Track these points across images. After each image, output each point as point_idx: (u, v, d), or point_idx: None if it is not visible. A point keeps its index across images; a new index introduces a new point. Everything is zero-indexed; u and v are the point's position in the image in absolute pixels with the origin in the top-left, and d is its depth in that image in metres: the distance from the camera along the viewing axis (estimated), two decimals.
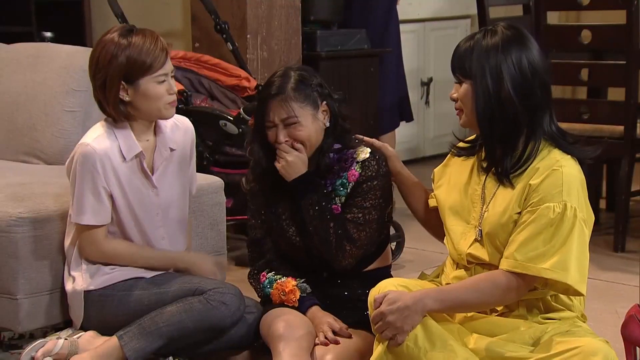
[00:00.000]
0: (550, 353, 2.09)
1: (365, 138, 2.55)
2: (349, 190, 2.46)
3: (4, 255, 2.65)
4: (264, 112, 2.45)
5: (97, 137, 2.52)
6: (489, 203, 2.21)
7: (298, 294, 2.49)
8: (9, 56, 3.45)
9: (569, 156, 2.17)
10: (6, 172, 3.07)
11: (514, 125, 2.16)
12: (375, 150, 2.50)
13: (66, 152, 3.24)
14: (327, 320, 2.43)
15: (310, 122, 2.45)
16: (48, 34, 4.86)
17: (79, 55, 3.29)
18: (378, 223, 2.48)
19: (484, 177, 2.25)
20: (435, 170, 2.41)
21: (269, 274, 2.54)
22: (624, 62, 3.87)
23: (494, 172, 2.21)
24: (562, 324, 2.18)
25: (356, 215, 2.45)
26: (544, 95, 2.18)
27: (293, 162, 2.43)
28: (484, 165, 2.24)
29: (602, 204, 4.53)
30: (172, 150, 2.62)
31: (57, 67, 3.29)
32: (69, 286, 2.61)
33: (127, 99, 2.50)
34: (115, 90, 2.49)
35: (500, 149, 2.19)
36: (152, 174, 2.58)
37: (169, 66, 2.52)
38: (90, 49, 2.62)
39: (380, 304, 2.11)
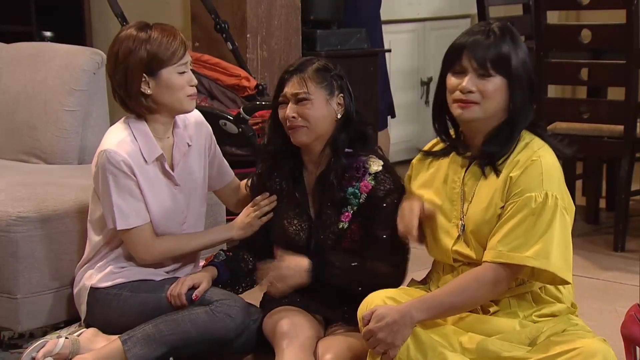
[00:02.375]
0: (549, 354, 2.09)
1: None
2: (361, 200, 2.45)
3: (4, 255, 2.65)
4: (280, 87, 2.48)
5: (119, 142, 2.50)
6: (471, 200, 2.22)
7: (212, 257, 2.59)
8: (9, 55, 3.45)
9: (547, 146, 2.20)
10: (6, 171, 3.07)
11: (521, 115, 2.21)
12: (386, 162, 2.49)
13: (66, 151, 3.25)
14: (193, 276, 2.52)
15: (322, 105, 2.45)
16: (48, 34, 4.87)
17: (79, 55, 3.30)
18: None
19: (463, 173, 2.25)
20: (407, 174, 2.41)
21: (229, 252, 2.61)
22: (624, 61, 3.87)
23: (480, 164, 2.22)
24: (558, 322, 2.18)
25: (387, 232, 2.42)
26: (533, 87, 2.24)
27: (284, 276, 2.42)
28: (461, 163, 2.25)
29: (602, 203, 4.52)
30: (189, 145, 2.62)
31: (57, 66, 3.29)
32: (81, 285, 2.61)
33: (148, 92, 2.50)
34: (137, 83, 2.48)
35: (498, 140, 2.21)
36: (173, 171, 2.58)
37: (188, 58, 2.54)
38: (91, 48, 2.62)
39: (369, 321, 2.12)
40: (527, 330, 2.17)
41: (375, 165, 2.47)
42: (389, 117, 4.98)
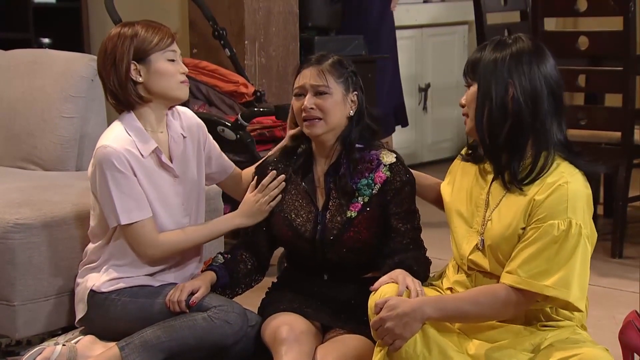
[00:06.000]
0: None
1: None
2: (374, 191, 2.47)
3: (1, 262, 2.65)
4: (297, 78, 2.49)
5: (114, 137, 2.52)
6: (493, 210, 2.21)
7: (210, 261, 2.59)
8: (7, 63, 3.46)
9: (576, 170, 2.17)
10: (4, 178, 3.07)
11: (518, 131, 2.16)
12: (399, 155, 2.53)
13: (64, 158, 3.25)
14: (192, 282, 2.51)
15: (340, 100, 2.47)
16: (46, 41, 4.87)
17: (76, 62, 3.30)
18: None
19: (490, 182, 2.25)
20: (451, 167, 2.42)
21: (227, 255, 2.60)
22: (621, 68, 3.88)
23: (502, 180, 2.20)
24: (562, 331, 2.18)
25: (407, 226, 2.45)
26: (553, 103, 2.18)
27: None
28: (491, 171, 2.24)
29: (600, 210, 4.52)
30: (184, 137, 2.64)
31: (55, 73, 3.29)
32: (81, 285, 2.61)
33: (140, 79, 2.52)
34: (127, 71, 2.51)
35: (507, 155, 2.19)
36: (172, 163, 2.59)
37: (176, 49, 2.57)
38: (89, 55, 2.64)
39: (381, 309, 2.12)
40: (532, 337, 2.17)
41: (389, 157, 2.50)
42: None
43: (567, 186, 2.12)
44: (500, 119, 2.16)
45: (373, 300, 2.17)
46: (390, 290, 2.17)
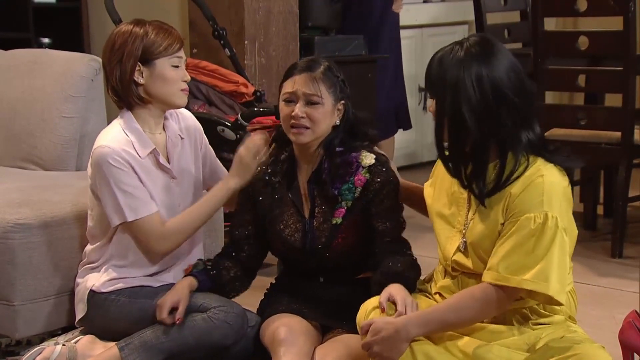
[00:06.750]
0: None
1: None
2: (356, 194, 2.46)
3: (1, 262, 2.65)
4: (287, 83, 2.45)
5: (112, 138, 2.53)
6: (476, 209, 2.20)
7: (190, 269, 2.56)
8: (7, 62, 3.46)
9: (552, 164, 2.15)
10: (4, 178, 3.07)
11: (478, 145, 2.13)
12: (379, 156, 2.51)
13: (64, 158, 3.25)
14: (170, 299, 2.46)
15: (329, 110, 2.46)
16: (46, 40, 4.87)
17: (76, 62, 3.30)
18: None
19: None
20: (433, 168, 2.41)
21: (208, 262, 2.57)
22: (621, 68, 3.88)
23: (472, 193, 2.19)
24: (557, 329, 2.18)
25: (385, 225, 2.44)
26: (514, 107, 2.12)
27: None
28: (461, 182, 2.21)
29: (600, 209, 4.53)
30: (181, 138, 2.64)
31: (55, 73, 3.29)
32: (81, 285, 2.60)
33: (141, 81, 2.52)
34: (131, 71, 2.51)
35: (471, 167, 2.17)
36: (169, 164, 2.59)
37: (183, 55, 2.57)
38: (89, 55, 2.64)
39: (367, 331, 2.12)
40: (526, 336, 2.17)
41: (368, 159, 2.49)
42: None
43: (542, 179, 2.11)
44: (455, 132, 2.14)
45: (359, 319, 2.20)
46: (374, 303, 2.20)
